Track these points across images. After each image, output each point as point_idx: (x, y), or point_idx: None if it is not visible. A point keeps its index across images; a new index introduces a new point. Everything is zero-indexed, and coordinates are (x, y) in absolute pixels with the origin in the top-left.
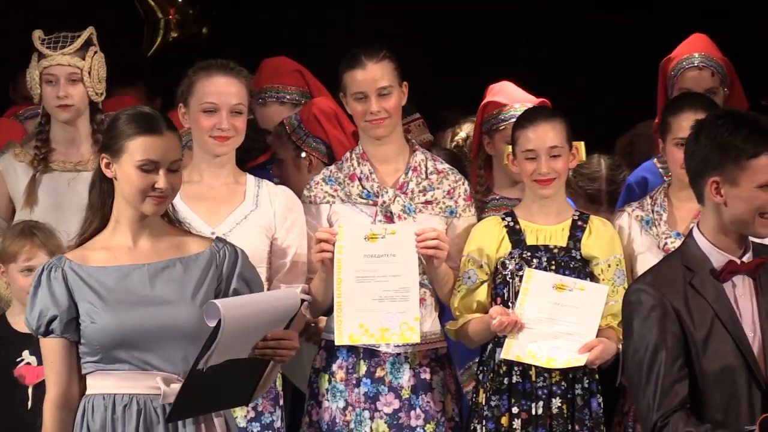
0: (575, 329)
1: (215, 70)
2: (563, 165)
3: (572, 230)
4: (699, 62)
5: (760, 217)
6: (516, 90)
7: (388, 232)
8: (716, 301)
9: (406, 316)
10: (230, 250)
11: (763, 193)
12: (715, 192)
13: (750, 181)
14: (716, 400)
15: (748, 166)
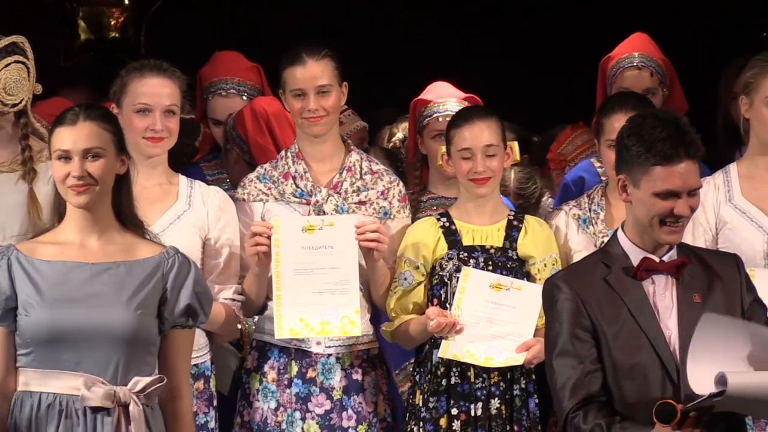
0: (513, 329)
1: (148, 71)
2: (498, 164)
3: (508, 230)
4: (638, 62)
5: (660, 224)
6: (446, 88)
7: (326, 223)
8: (631, 298)
9: (347, 309)
10: (181, 261)
11: (661, 201)
12: (621, 190)
13: (648, 186)
14: (629, 394)
15: (651, 171)
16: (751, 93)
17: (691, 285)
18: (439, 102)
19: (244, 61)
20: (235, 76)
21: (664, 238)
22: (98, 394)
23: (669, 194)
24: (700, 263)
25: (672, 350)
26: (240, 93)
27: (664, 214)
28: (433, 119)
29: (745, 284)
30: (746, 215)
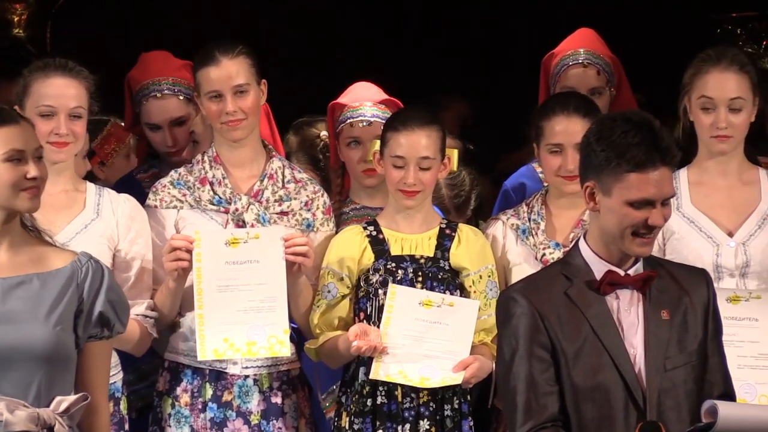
0: (447, 347)
1: (52, 71)
2: (432, 177)
3: (440, 239)
4: (584, 59)
5: (632, 236)
6: (365, 89)
7: (251, 236)
8: (593, 313)
9: (275, 328)
10: (94, 267)
11: (635, 211)
12: (589, 198)
13: (621, 194)
14: (588, 417)
15: (624, 178)
16: (690, 94)
17: (659, 300)
18: (354, 106)
19: (174, 59)
20: (168, 76)
21: (636, 250)
22: (21, 418)
23: (644, 203)
24: (668, 277)
25: (637, 371)
26: (176, 93)
27: (637, 224)
28: (346, 125)
29: (712, 306)
30: (695, 224)
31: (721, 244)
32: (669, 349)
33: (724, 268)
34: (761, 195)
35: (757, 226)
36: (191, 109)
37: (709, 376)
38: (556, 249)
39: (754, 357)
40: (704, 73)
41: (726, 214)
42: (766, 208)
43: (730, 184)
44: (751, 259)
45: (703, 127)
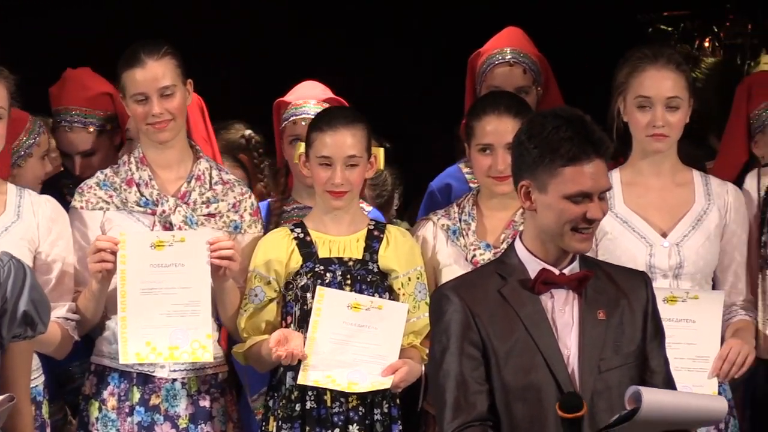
0: (376, 351)
1: None
2: (359, 176)
3: (368, 241)
4: (510, 57)
5: (572, 231)
6: (310, 88)
7: (177, 239)
8: (527, 312)
9: (198, 333)
10: (16, 266)
11: (573, 206)
12: (525, 197)
13: (558, 189)
14: (519, 417)
15: (560, 173)
16: (625, 93)
17: (595, 301)
18: (298, 104)
19: (93, 83)
20: (80, 106)
21: (576, 246)
22: None
23: (581, 196)
24: (606, 278)
25: (570, 371)
26: (85, 126)
27: (576, 219)
28: (290, 123)
29: (651, 308)
30: (628, 224)
31: (655, 244)
32: (604, 350)
33: (657, 268)
34: (695, 196)
35: (690, 227)
36: (103, 139)
37: (649, 379)
38: (487, 250)
39: (692, 359)
40: (641, 72)
41: (659, 214)
42: (699, 209)
43: (664, 184)
44: (685, 260)
45: (639, 126)
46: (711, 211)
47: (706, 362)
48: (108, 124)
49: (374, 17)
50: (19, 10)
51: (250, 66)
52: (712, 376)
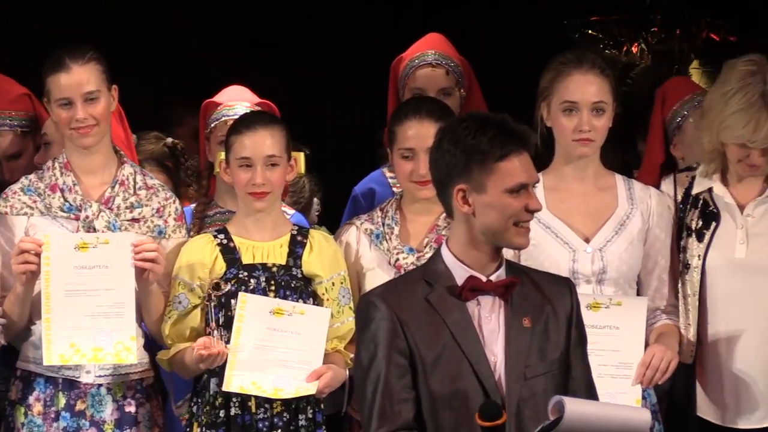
0: (300, 356)
1: None
2: (280, 177)
3: (291, 246)
4: (433, 59)
5: (514, 227)
6: (240, 92)
7: (101, 241)
8: (454, 319)
9: (121, 335)
10: None
11: (514, 200)
12: (462, 201)
13: (498, 185)
14: (446, 425)
15: (495, 169)
16: (548, 99)
17: (521, 308)
18: (230, 105)
19: (12, 87)
20: (4, 109)
21: (518, 241)
22: None
23: (520, 188)
24: (531, 284)
25: (497, 378)
26: (12, 128)
27: (518, 212)
28: (221, 123)
29: (576, 315)
30: (551, 230)
31: (578, 250)
32: (530, 357)
33: (580, 274)
34: (617, 201)
35: (613, 232)
36: (28, 141)
37: (572, 386)
38: (410, 254)
39: (615, 366)
40: (566, 77)
41: (582, 220)
42: (622, 214)
43: (587, 189)
44: (608, 265)
45: (565, 131)
46: (634, 216)
47: (629, 369)
48: (31, 125)
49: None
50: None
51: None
52: (636, 382)
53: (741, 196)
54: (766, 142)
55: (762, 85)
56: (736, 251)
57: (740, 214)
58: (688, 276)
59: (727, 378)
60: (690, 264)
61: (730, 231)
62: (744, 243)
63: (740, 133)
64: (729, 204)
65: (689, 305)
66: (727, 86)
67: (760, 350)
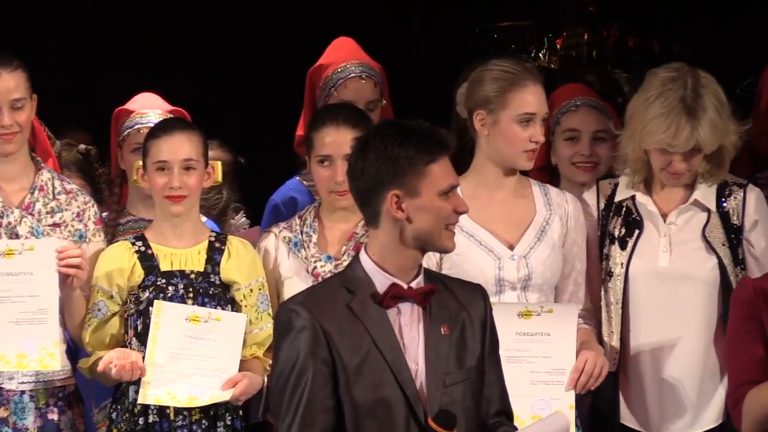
0: (216, 364)
1: None
2: (197, 181)
3: (210, 253)
4: (361, 72)
5: (445, 230)
6: (151, 99)
7: (26, 247)
8: (376, 327)
9: (45, 341)
10: None
11: (445, 202)
12: (396, 207)
13: (431, 189)
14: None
15: (427, 173)
16: (496, 109)
17: (439, 315)
18: (143, 113)
19: None
20: None
21: (447, 245)
22: None
23: (451, 189)
24: (447, 292)
25: (419, 386)
26: None
27: (450, 215)
28: (134, 131)
29: (489, 320)
30: (475, 238)
31: (503, 257)
32: (448, 364)
33: (506, 281)
34: (536, 207)
35: (536, 239)
36: None
37: (486, 392)
38: (328, 262)
39: (548, 372)
40: (521, 87)
41: (504, 227)
42: (542, 219)
43: (506, 197)
44: (533, 271)
45: (518, 142)
46: (553, 221)
47: (562, 375)
48: None
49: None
50: None
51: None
52: (569, 388)
53: (664, 204)
54: (687, 146)
55: (682, 91)
56: (659, 259)
57: (663, 223)
58: (611, 284)
59: (650, 386)
60: (613, 272)
61: (653, 239)
62: (667, 251)
63: (661, 137)
64: (652, 212)
65: (612, 313)
66: (647, 93)
67: (683, 358)
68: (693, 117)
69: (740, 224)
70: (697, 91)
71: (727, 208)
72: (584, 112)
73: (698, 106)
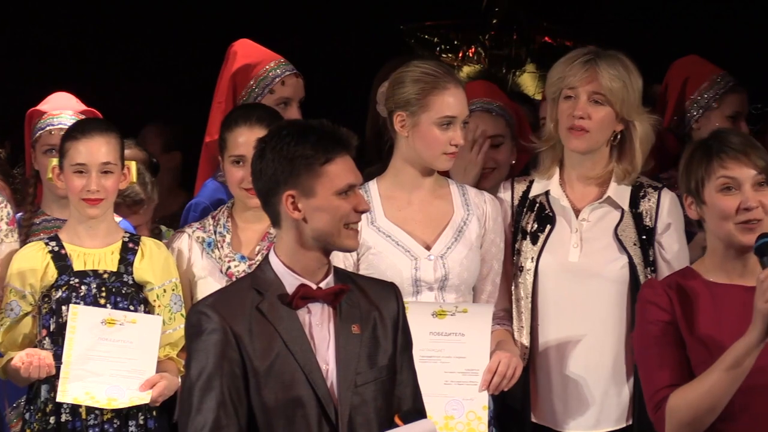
0: (133, 365)
1: None
2: (114, 184)
3: (123, 253)
4: (294, 69)
5: (345, 229)
6: (65, 99)
7: None
8: (286, 328)
9: None
10: None
11: (343, 202)
12: (292, 207)
13: (327, 188)
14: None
15: (323, 173)
16: (417, 111)
17: (350, 315)
18: (54, 114)
19: None
20: None
21: (349, 244)
22: None
23: (349, 189)
24: (358, 291)
25: (330, 386)
26: None
27: (348, 213)
28: (45, 132)
29: (402, 319)
30: (391, 239)
31: (420, 257)
32: (359, 364)
33: (423, 281)
34: (453, 207)
35: (453, 239)
36: None
37: (398, 392)
38: (242, 262)
39: (462, 372)
40: (442, 90)
41: (421, 227)
42: (459, 220)
43: (423, 197)
44: (450, 272)
45: (438, 144)
46: (471, 222)
47: (476, 375)
48: None
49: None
50: None
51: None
52: (483, 388)
53: (577, 200)
54: (585, 77)
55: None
56: (569, 255)
57: (575, 218)
58: (521, 278)
59: (556, 382)
60: (523, 267)
61: (565, 234)
62: (578, 247)
63: (561, 74)
64: (565, 207)
65: (522, 308)
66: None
67: (589, 355)
68: (595, 56)
69: (653, 226)
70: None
71: (640, 210)
72: (477, 116)
73: (603, 53)
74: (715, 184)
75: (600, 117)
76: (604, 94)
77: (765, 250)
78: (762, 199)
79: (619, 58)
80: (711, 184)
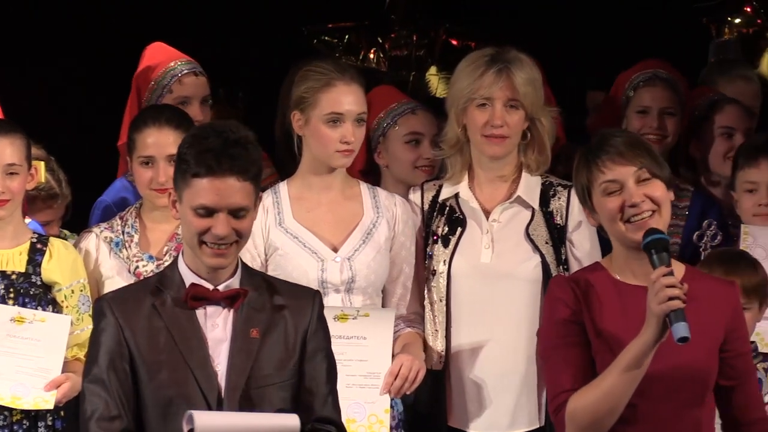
0: (40, 363)
1: None
2: (19, 186)
3: (31, 254)
4: (194, 68)
5: (204, 244)
6: None
7: None
8: (179, 327)
9: None
10: None
11: (197, 218)
12: (172, 206)
13: (187, 200)
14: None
15: (191, 184)
16: (307, 109)
17: (251, 318)
18: None
19: None
20: None
21: (208, 261)
22: None
23: (203, 210)
24: (269, 294)
25: (219, 388)
26: None
27: (201, 232)
28: None
29: (314, 326)
30: (299, 240)
31: (326, 259)
32: (255, 368)
33: (329, 283)
34: (363, 209)
35: (361, 241)
36: None
37: (304, 397)
38: (150, 262)
39: (363, 376)
40: (330, 87)
41: (329, 229)
42: (368, 222)
43: (333, 198)
44: (357, 274)
45: (329, 142)
46: (380, 224)
47: (377, 378)
48: None
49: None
50: None
51: None
52: (384, 392)
53: (487, 201)
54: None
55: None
56: (481, 256)
57: (486, 220)
58: (434, 282)
59: (470, 385)
60: (436, 270)
61: (476, 236)
62: (489, 248)
63: (472, 85)
64: (475, 209)
65: (436, 311)
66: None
67: (504, 357)
68: (505, 61)
69: (564, 224)
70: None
71: (551, 208)
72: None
73: (510, 56)
74: (599, 189)
75: (515, 122)
76: (518, 100)
77: (653, 246)
78: (647, 192)
79: (522, 59)
80: (596, 190)
